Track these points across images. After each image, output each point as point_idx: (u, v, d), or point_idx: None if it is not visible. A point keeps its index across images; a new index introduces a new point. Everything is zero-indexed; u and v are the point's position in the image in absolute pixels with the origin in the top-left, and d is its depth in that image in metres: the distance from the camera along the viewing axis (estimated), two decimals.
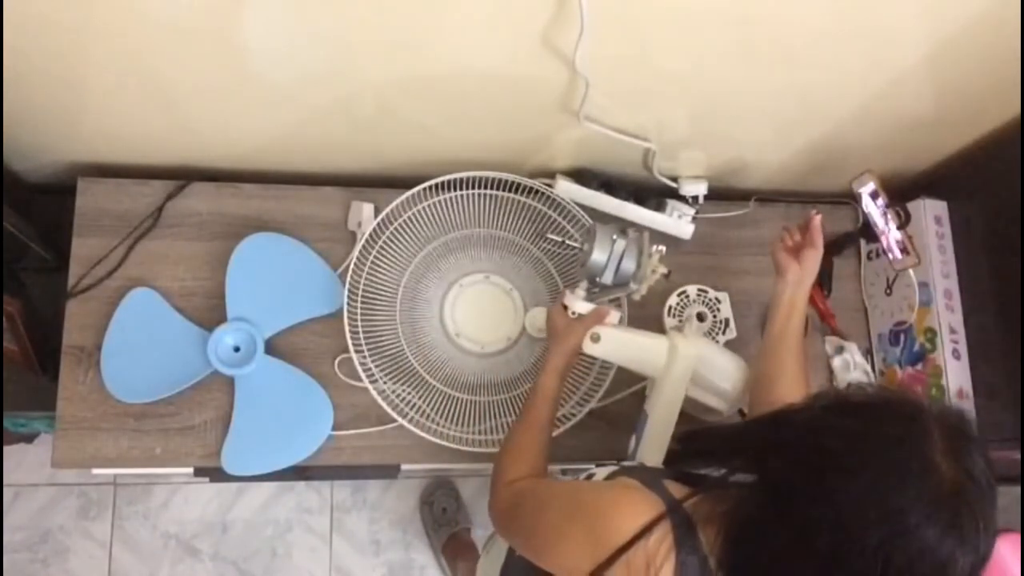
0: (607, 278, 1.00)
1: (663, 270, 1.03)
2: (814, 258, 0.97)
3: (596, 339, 0.96)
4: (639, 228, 1.04)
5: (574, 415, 1.13)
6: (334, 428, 1.11)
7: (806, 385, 0.95)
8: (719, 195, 1.29)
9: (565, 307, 1.00)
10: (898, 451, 0.57)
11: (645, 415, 0.95)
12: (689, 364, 0.93)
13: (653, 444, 0.93)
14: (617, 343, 0.97)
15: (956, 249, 1.19)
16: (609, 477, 0.77)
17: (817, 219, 0.98)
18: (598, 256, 0.99)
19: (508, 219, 1.21)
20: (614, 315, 0.99)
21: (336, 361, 1.14)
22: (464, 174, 1.15)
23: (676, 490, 0.69)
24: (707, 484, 0.68)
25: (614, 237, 0.99)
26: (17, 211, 1.10)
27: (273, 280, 1.13)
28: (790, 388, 0.93)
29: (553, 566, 0.72)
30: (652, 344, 0.97)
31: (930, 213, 1.20)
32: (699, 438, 0.78)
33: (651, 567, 0.63)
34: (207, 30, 0.83)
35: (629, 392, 1.17)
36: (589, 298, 1.02)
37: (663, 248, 1.02)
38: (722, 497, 0.65)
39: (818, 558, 0.57)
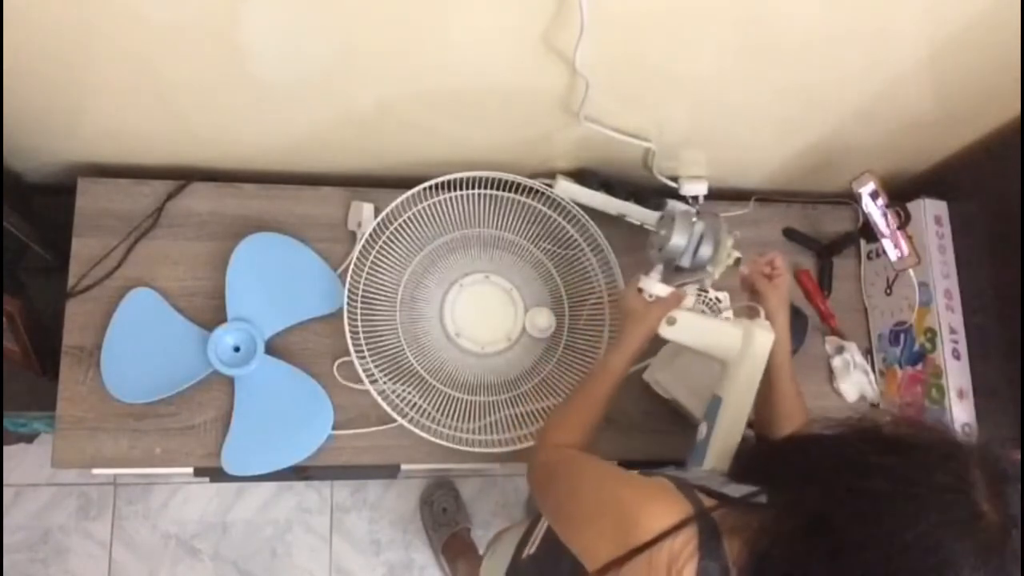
0: (685, 261, 1.00)
1: (737, 254, 1.02)
2: (784, 286, 1.00)
3: (672, 322, 0.95)
4: (715, 213, 1.05)
5: None
6: (334, 428, 1.11)
7: (803, 404, 0.98)
8: (719, 195, 1.29)
9: (640, 290, 0.99)
10: (948, 498, 0.57)
11: (718, 399, 0.95)
12: (766, 352, 0.93)
13: (728, 430, 0.92)
14: (693, 327, 0.96)
15: (956, 249, 1.19)
16: (645, 472, 0.77)
17: (780, 258, 1.00)
18: (678, 239, 0.99)
19: (508, 219, 1.21)
20: (690, 299, 0.99)
21: (335, 365, 1.14)
22: (464, 174, 1.15)
23: (704, 498, 0.70)
24: (738, 499, 0.68)
25: (693, 220, 1.00)
26: (17, 211, 1.10)
27: (273, 280, 1.13)
28: (791, 408, 0.96)
29: (576, 546, 0.73)
30: (728, 328, 0.96)
31: (930, 213, 1.20)
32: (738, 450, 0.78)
33: (672, 567, 0.63)
34: (207, 31, 0.83)
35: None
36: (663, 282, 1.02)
37: (738, 233, 1.03)
38: (752, 514, 0.65)
39: None
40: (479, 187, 1.18)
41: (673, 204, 1.24)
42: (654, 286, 0.99)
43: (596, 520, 0.71)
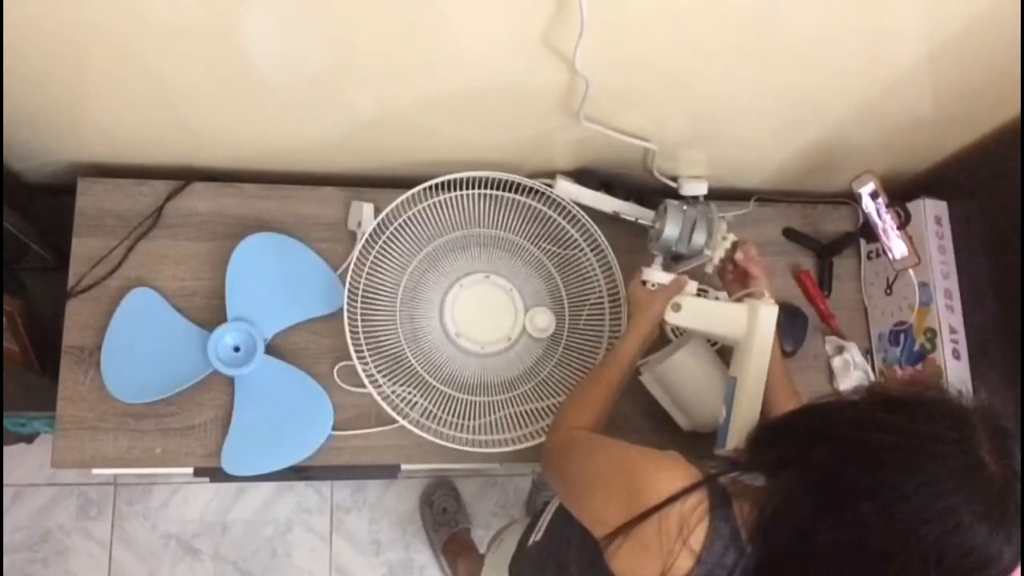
0: (681, 248, 1.07)
1: (733, 237, 1.07)
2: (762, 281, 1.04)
3: (677, 308, 0.99)
4: (705, 200, 1.10)
5: None
6: (334, 428, 1.11)
7: (796, 394, 1.00)
8: (719, 195, 1.29)
9: (644, 282, 1.04)
10: (950, 449, 0.58)
11: (734, 380, 0.97)
12: (772, 323, 0.96)
13: (746, 409, 0.95)
14: (698, 311, 1.00)
15: (956, 249, 1.19)
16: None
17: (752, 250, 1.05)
18: (671, 228, 1.06)
19: (508, 219, 1.21)
20: (692, 285, 1.03)
21: (336, 369, 1.14)
22: (464, 174, 1.15)
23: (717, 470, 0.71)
24: (747, 463, 0.70)
25: (684, 208, 1.06)
26: (17, 211, 1.10)
27: (273, 280, 1.13)
28: (787, 399, 0.98)
29: (586, 514, 0.75)
30: (732, 309, 1.00)
31: (930, 213, 1.20)
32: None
33: (684, 528, 0.65)
34: (208, 31, 0.83)
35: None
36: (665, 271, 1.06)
37: (730, 216, 1.08)
38: (760, 477, 0.67)
39: (869, 552, 0.58)
40: (479, 187, 1.18)
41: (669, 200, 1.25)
42: (656, 275, 1.04)
43: (607, 485, 0.73)
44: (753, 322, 0.96)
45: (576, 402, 0.94)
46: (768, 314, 0.96)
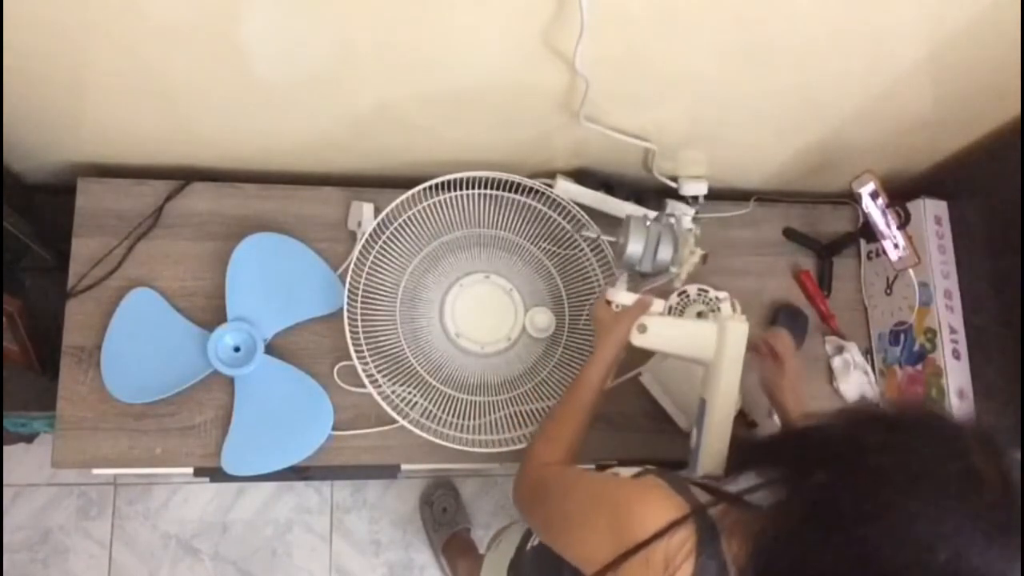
0: (646, 266, 0.99)
1: (701, 252, 1.01)
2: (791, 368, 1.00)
3: (643, 329, 0.94)
4: (671, 213, 1.03)
5: None
6: (334, 428, 1.11)
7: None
8: (719, 195, 1.29)
9: (608, 302, 0.98)
10: (950, 466, 0.57)
11: (703, 403, 0.94)
12: (742, 341, 0.92)
13: (716, 432, 0.91)
14: (665, 332, 0.95)
15: (956, 249, 1.19)
16: (636, 475, 0.76)
17: (780, 341, 1.01)
18: (634, 245, 0.98)
19: (508, 219, 1.21)
20: (658, 304, 0.97)
21: (336, 370, 1.14)
22: (464, 174, 1.15)
23: (700, 493, 0.69)
24: (736, 494, 0.67)
25: (647, 223, 0.99)
26: (17, 211, 1.10)
27: (273, 280, 1.13)
28: None
29: (571, 553, 0.72)
30: (701, 329, 0.95)
31: (930, 213, 1.20)
32: (732, 445, 0.77)
33: (670, 566, 0.63)
34: (208, 31, 0.83)
35: (624, 378, 1.18)
36: (630, 290, 1.00)
37: (698, 230, 1.01)
38: (751, 508, 0.64)
39: None
40: (479, 187, 1.18)
41: (632, 211, 1.20)
42: (619, 295, 0.98)
43: (589, 523, 0.70)
44: (722, 341, 0.92)
45: (544, 436, 0.90)
46: (737, 332, 0.92)
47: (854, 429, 0.63)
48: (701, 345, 0.93)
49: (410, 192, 1.14)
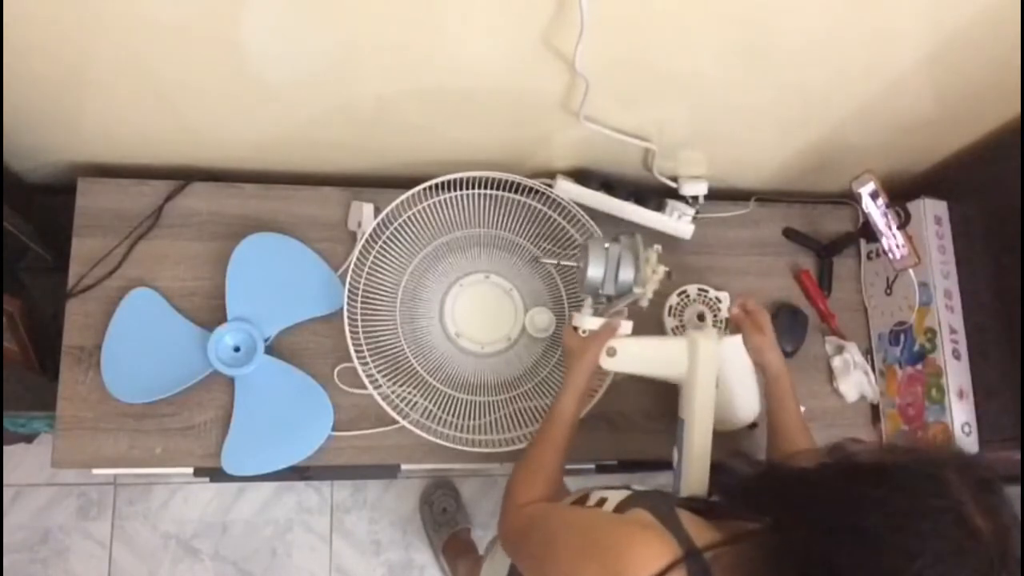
0: (608, 289, 0.97)
1: (664, 269, 0.99)
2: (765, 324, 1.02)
3: (612, 353, 0.94)
4: (631, 231, 1.02)
5: None
6: (334, 428, 1.11)
7: (809, 438, 0.97)
8: (719, 195, 1.29)
9: (576, 328, 0.98)
10: (944, 520, 0.56)
11: (682, 422, 0.93)
12: (713, 359, 0.92)
13: (696, 451, 0.90)
14: (634, 353, 0.95)
15: (956, 249, 1.19)
16: (622, 503, 0.75)
17: (750, 300, 1.03)
18: (594, 270, 0.96)
19: (508, 219, 1.21)
20: (626, 326, 0.96)
21: (336, 371, 1.14)
22: (464, 174, 1.15)
23: (691, 523, 0.68)
24: (728, 538, 0.66)
25: (606, 246, 0.97)
26: (17, 211, 1.10)
27: (273, 280, 1.13)
28: (796, 434, 0.96)
29: None
30: (671, 347, 0.94)
31: (930, 213, 1.20)
32: (721, 473, 0.77)
33: None
34: (208, 31, 0.84)
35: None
36: (597, 314, 0.99)
37: (659, 247, 0.99)
38: (745, 551, 0.64)
39: None
40: (479, 187, 1.18)
41: (589, 235, 1.19)
42: (585, 321, 0.97)
43: (580, 570, 0.68)
44: (694, 358, 0.91)
45: (523, 474, 0.88)
46: (708, 348, 0.91)
47: (839, 484, 0.62)
48: (672, 363, 0.93)
49: (410, 192, 1.14)
